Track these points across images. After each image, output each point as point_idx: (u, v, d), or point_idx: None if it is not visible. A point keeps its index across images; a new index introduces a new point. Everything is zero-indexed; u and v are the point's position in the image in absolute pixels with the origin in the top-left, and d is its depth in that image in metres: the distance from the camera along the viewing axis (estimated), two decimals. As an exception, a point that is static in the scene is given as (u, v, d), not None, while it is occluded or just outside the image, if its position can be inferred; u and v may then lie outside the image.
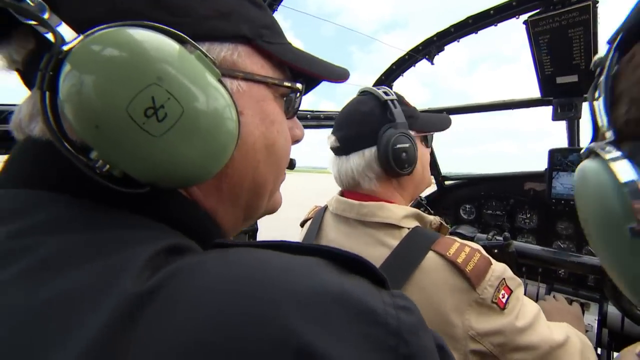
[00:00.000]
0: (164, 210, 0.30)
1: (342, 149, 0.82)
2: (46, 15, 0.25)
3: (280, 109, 0.39)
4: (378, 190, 0.81)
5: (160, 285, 0.20)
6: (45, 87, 0.25)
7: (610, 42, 0.31)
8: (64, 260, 0.22)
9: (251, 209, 0.39)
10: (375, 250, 0.72)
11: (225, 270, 0.22)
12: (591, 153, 0.31)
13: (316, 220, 0.93)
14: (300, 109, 0.44)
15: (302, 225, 1.04)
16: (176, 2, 0.29)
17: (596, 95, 0.32)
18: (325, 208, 0.94)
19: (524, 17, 1.22)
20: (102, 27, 0.24)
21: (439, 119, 0.92)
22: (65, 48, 0.24)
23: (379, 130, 0.77)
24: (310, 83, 0.46)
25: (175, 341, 0.18)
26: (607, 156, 0.28)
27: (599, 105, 0.31)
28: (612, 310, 1.22)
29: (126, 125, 0.24)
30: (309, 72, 0.40)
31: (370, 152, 0.78)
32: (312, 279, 0.23)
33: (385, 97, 0.79)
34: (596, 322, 1.21)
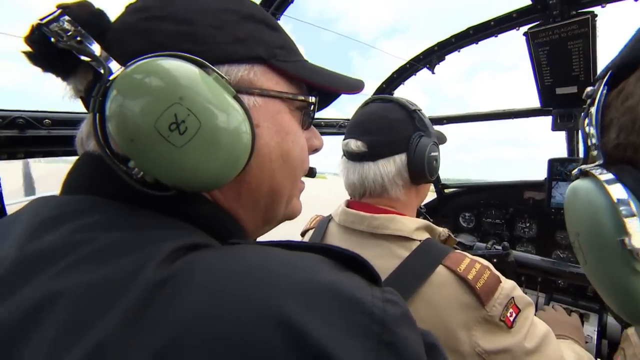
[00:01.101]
0: (190, 212, 0.35)
1: (370, 154, 0.79)
2: (98, 53, 0.32)
3: (297, 121, 0.43)
4: (402, 198, 0.80)
5: (174, 273, 0.25)
6: (96, 110, 0.31)
7: (600, 77, 0.35)
8: (109, 253, 0.27)
9: (270, 214, 0.43)
10: (387, 262, 0.71)
11: (231, 261, 0.27)
12: (583, 174, 0.35)
13: (319, 230, 0.92)
14: None
15: (302, 235, 1.03)
16: (200, 33, 0.34)
17: (586, 122, 0.35)
18: (329, 219, 0.92)
19: (524, 28, 1.23)
20: (138, 59, 0.30)
21: (442, 134, 0.96)
22: (111, 77, 0.31)
23: (409, 137, 0.78)
24: (330, 96, 0.50)
25: (186, 317, 0.22)
26: (601, 177, 0.31)
27: (590, 131, 0.34)
28: (611, 321, 1.22)
29: (154, 138, 0.30)
30: (323, 85, 0.43)
31: (400, 159, 0.77)
32: (308, 272, 0.27)
33: (413, 107, 0.81)
34: (595, 332, 1.21)
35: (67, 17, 0.31)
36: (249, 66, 0.37)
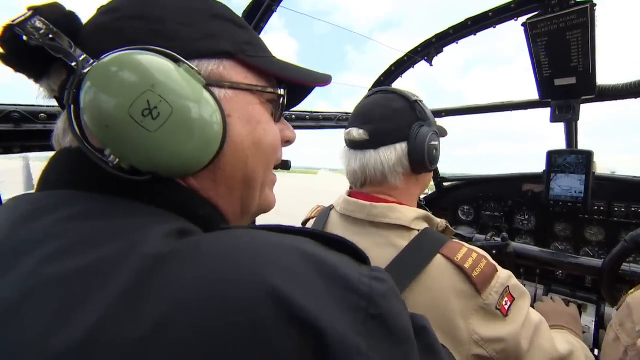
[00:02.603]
0: (166, 198, 0.36)
1: (372, 142, 0.80)
2: (72, 50, 0.33)
3: (268, 112, 0.45)
4: (401, 186, 0.81)
5: (176, 250, 0.27)
6: (70, 101, 0.33)
7: None
8: (95, 239, 0.28)
9: (246, 202, 0.45)
10: (385, 251, 0.72)
11: (224, 241, 0.28)
12: None
13: (320, 219, 0.93)
14: (298, 110, 0.46)
15: (303, 224, 1.04)
16: (170, 30, 0.36)
17: None
18: (331, 208, 0.93)
19: (523, 19, 1.22)
20: (111, 53, 0.32)
21: (443, 128, 0.95)
22: (85, 71, 0.32)
23: (410, 127, 0.79)
24: (301, 92, 0.53)
25: (188, 286, 0.24)
26: None
27: None
28: (609, 311, 1.23)
29: (128, 123, 0.31)
30: (291, 78, 0.46)
31: (401, 147, 0.79)
32: (296, 250, 0.29)
33: (415, 98, 0.82)
34: (593, 323, 1.22)
35: (39, 18, 0.32)
36: (218, 61, 0.40)
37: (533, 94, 1.45)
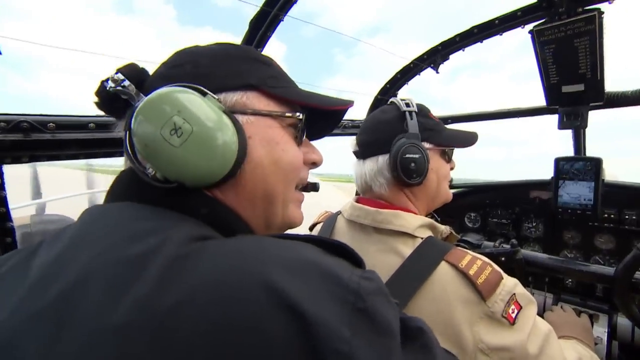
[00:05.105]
0: (192, 205, 0.43)
1: (360, 153, 0.86)
2: (135, 93, 0.43)
3: (290, 135, 0.51)
4: (387, 195, 0.83)
5: (192, 251, 0.33)
6: (126, 128, 0.43)
7: None
8: (139, 235, 0.35)
9: (269, 216, 0.50)
10: (388, 258, 0.72)
11: (233, 245, 0.35)
12: None
13: (328, 225, 0.94)
14: None
15: (310, 229, 1.05)
16: (205, 72, 0.46)
17: None
18: (338, 214, 0.94)
19: (529, 26, 1.22)
20: (154, 90, 0.41)
21: (464, 135, 0.92)
22: (137, 105, 0.41)
23: (392, 139, 0.79)
24: (332, 118, 0.59)
25: (200, 281, 0.30)
26: None
27: None
28: (621, 321, 1.20)
29: (160, 141, 0.39)
30: (308, 103, 0.52)
31: (383, 159, 0.81)
32: (295, 251, 0.34)
33: (405, 108, 0.82)
34: (606, 334, 1.19)
35: (118, 74, 0.43)
36: (242, 92, 0.47)
37: (522, 102, 1.44)
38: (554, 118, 1.43)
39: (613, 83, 1.25)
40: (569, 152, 1.58)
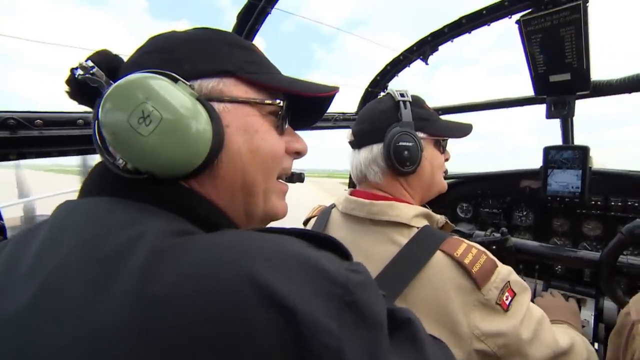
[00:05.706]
0: (172, 198, 0.41)
1: (355, 142, 0.87)
2: (104, 81, 0.42)
3: (270, 124, 0.49)
4: (383, 184, 0.83)
5: (172, 245, 0.32)
6: (94, 117, 0.41)
7: None
8: (113, 228, 0.34)
9: (249, 207, 0.48)
10: (385, 248, 0.73)
11: (215, 239, 0.33)
12: None
13: (322, 218, 0.94)
14: None
15: (305, 223, 1.05)
16: (178, 57, 0.43)
17: None
18: (332, 207, 0.95)
19: (516, 16, 1.23)
20: (123, 77, 0.39)
21: (458, 126, 0.93)
22: (105, 93, 0.39)
23: (387, 128, 0.80)
24: (318, 105, 0.56)
25: (184, 273, 0.29)
26: None
27: None
28: (607, 305, 1.23)
29: (128, 130, 0.37)
30: (289, 90, 0.49)
31: (377, 148, 0.82)
32: (279, 244, 0.33)
33: (399, 98, 0.82)
34: (592, 317, 1.22)
35: (88, 61, 0.41)
36: (219, 79, 0.45)
37: (502, 94, 1.46)
38: (524, 110, 1.46)
39: (600, 71, 1.27)
40: (541, 144, 1.60)
